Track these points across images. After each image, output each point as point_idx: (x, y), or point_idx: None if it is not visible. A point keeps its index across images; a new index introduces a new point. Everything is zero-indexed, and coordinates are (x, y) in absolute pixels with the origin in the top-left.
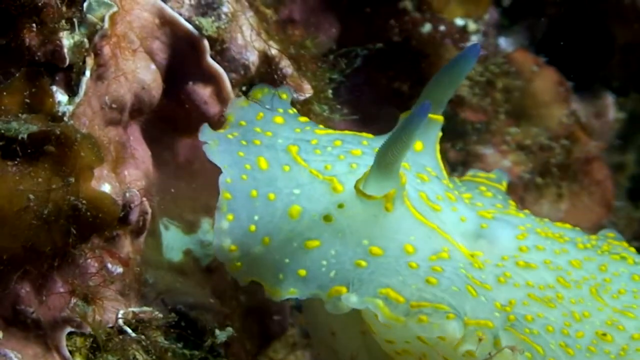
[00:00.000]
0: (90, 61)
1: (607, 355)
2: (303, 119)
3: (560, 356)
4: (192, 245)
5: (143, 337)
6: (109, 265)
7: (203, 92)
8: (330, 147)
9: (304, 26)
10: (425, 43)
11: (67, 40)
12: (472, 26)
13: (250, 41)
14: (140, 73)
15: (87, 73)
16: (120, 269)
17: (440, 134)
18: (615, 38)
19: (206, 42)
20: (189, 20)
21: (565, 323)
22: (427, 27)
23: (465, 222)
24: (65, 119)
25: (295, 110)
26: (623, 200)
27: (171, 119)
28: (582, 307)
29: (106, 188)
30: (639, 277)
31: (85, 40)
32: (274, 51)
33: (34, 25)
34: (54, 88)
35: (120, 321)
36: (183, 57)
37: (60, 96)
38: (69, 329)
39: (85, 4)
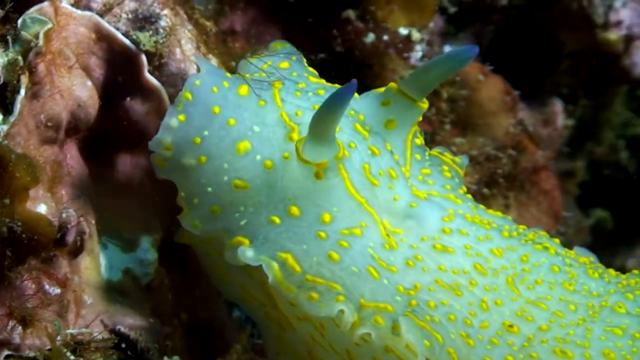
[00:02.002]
0: (25, 79)
1: (510, 347)
2: (311, 69)
3: (460, 346)
4: (131, 264)
5: (82, 359)
6: (47, 286)
7: (141, 108)
8: (311, 93)
9: (245, 37)
10: (368, 53)
11: (1, 58)
12: (416, 35)
13: (189, 55)
14: (76, 90)
15: (22, 91)
16: (58, 290)
17: (420, 118)
18: (562, 45)
19: (144, 57)
20: (126, 34)
21: (470, 312)
22: (370, 37)
23: (398, 201)
24: (0, 139)
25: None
26: (572, 208)
27: (110, 136)
28: (494, 296)
29: (42, 209)
30: (559, 269)
31: (20, 58)
32: (213, 63)
33: None
34: None
35: (59, 343)
36: (121, 73)
37: None
38: (6, 352)
39: (19, 21)
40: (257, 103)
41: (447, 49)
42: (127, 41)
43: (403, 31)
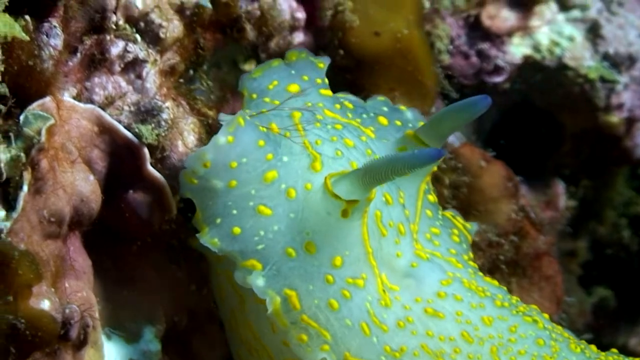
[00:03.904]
0: (27, 175)
1: None
2: (325, 92)
3: None
4: (134, 355)
5: None
6: None
7: (144, 201)
8: (330, 126)
9: None
10: None
11: (3, 154)
12: None
13: (191, 147)
14: (79, 185)
15: (25, 188)
16: None
17: (435, 168)
18: (564, 127)
19: (146, 150)
20: (128, 127)
21: None
22: None
23: (400, 258)
24: (3, 235)
25: (326, 80)
26: (575, 287)
27: (113, 228)
28: None
29: (45, 305)
30: (543, 342)
31: (22, 154)
32: None
33: None
34: None
35: None
36: (123, 166)
37: None
38: None
39: (21, 117)
40: (284, 134)
41: None
42: (129, 134)
43: None
